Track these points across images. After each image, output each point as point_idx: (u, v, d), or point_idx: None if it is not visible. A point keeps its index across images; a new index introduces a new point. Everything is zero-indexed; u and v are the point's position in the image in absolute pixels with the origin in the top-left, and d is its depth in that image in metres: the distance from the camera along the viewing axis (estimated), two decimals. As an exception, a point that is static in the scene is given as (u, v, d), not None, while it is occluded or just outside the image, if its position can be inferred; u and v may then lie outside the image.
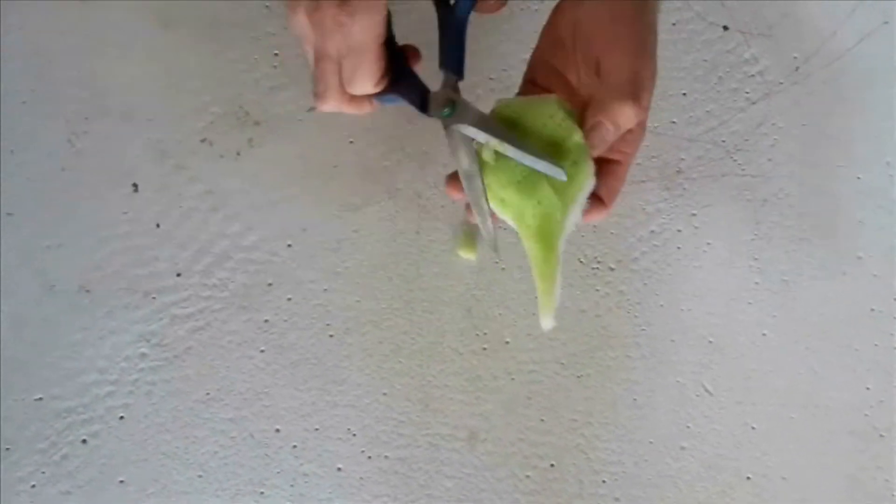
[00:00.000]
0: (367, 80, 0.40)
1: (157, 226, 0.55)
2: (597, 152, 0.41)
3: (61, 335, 0.53)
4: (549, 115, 0.40)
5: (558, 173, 0.39)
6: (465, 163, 0.42)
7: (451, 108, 0.42)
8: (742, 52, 0.59)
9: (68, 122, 0.55)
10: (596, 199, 0.43)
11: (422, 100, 0.42)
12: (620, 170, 0.43)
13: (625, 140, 0.42)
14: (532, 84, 0.45)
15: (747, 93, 0.59)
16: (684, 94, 0.59)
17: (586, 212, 0.43)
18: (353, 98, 0.41)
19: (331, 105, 0.41)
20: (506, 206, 0.42)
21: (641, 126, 0.43)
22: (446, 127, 0.42)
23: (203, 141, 0.56)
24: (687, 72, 0.59)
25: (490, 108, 0.43)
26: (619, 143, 0.42)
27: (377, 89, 0.41)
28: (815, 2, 0.59)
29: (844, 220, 0.58)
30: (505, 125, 0.41)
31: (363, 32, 0.38)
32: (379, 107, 0.43)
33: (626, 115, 0.40)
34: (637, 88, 0.40)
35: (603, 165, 0.43)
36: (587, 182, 0.41)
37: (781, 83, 0.59)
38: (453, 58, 0.43)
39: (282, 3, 0.57)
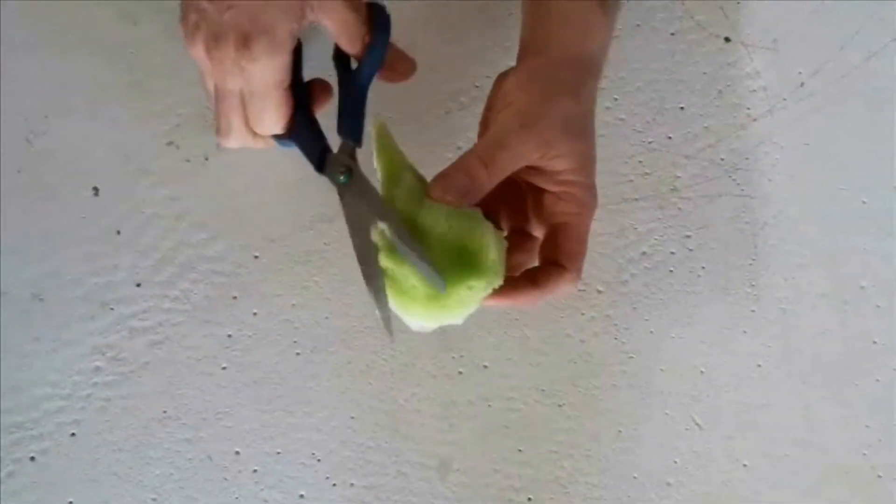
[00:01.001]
0: (272, 124, 0.40)
1: (118, 232, 0.54)
2: (452, 200, 0.40)
3: (11, 345, 0.52)
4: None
5: (438, 284, 0.39)
6: (358, 235, 0.42)
7: (346, 176, 0.42)
8: (744, 66, 0.58)
9: (27, 121, 0.54)
10: (553, 264, 0.42)
11: (319, 157, 0.42)
12: (572, 231, 0.43)
13: (561, 199, 0.42)
14: None
15: (748, 109, 0.58)
16: (682, 108, 0.58)
17: (547, 283, 0.42)
18: (258, 137, 0.42)
19: (234, 142, 0.41)
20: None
21: (583, 187, 0.42)
22: (341, 194, 0.42)
23: (169, 144, 0.55)
24: (685, 85, 0.58)
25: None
26: (556, 204, 0.42)
27: (283, 131, 0.41)
28: (823, 16, 0.58)
29: (847, 246, 0.57)
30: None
31: (265, 77, 0.38)
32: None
33: (472, 165, 0.40)
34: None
35: (551, 232, 0.43)
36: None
37: (785, 100, 0.58)
38: (351, 124, 0.43)
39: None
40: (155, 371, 0.52)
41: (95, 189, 0.54)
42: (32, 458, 0.51)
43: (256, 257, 0.54)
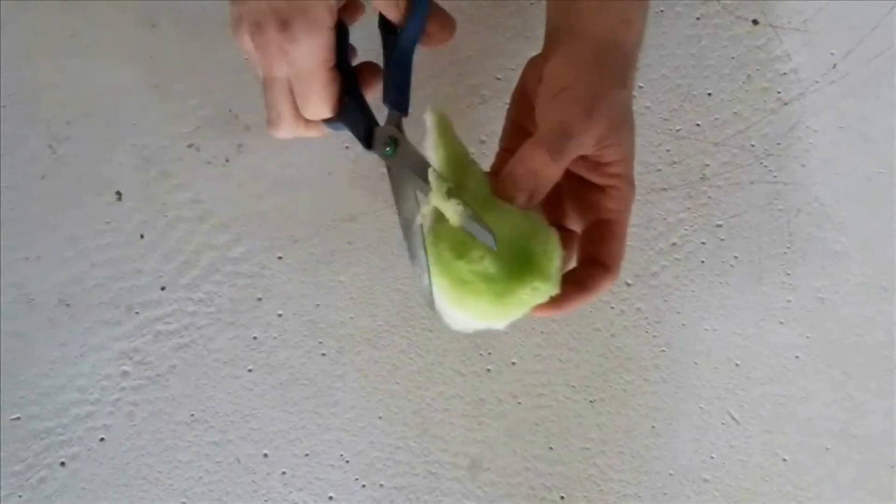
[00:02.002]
0: (320, 106, 0.41)
1: (141, 236, 0.56)
2: (522, 200, 0.40)
3: (39, 352, 0.54)
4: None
5: (488, 239, 0.38)
6: (405, 209, 0.42)
7: (392, 147, 0.42)
8: (773, 49, 0.58)
9: (49, 127, 0.57)
10: (598, 264, 0.42)
11: (367, 133, 0.43)
12: (616, 228, 0.42)
13: (606, 193, 0.42)
14: (505, 151, 0.45)
15: (779, 92, 0.58)
16: (709, 94, 0.58)
17: (594, 286, 0.42)
18: (310, 122, 0.42)
19: (285, 132, 0.42)
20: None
21: (627, 181, 0.42)
22: (388, 167, 0.42)
23: (190, 146, 0.57)
24: (712, 70, 0.58)
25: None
26: (601, 199, 0.42)
27: (333, 114, 0.42)
28: (854, -6, 0.59)
29: (885, 231, 0.57)
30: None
31: (308, 58, 0.39)
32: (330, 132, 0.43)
33: (538, 159, 0.39)
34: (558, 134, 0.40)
35: (594, 228, 0.43)
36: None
37: (817, 82, 0.58)
38: (397, 92, 0.43)
39: None
40: (182, 374, 0.54)
41: (118, 194, 0.56)
42: (63, 464, 0.53)
43: (280, 258, 0.56)
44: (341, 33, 0.41)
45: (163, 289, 0.55)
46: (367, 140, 0.43)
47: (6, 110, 0.57)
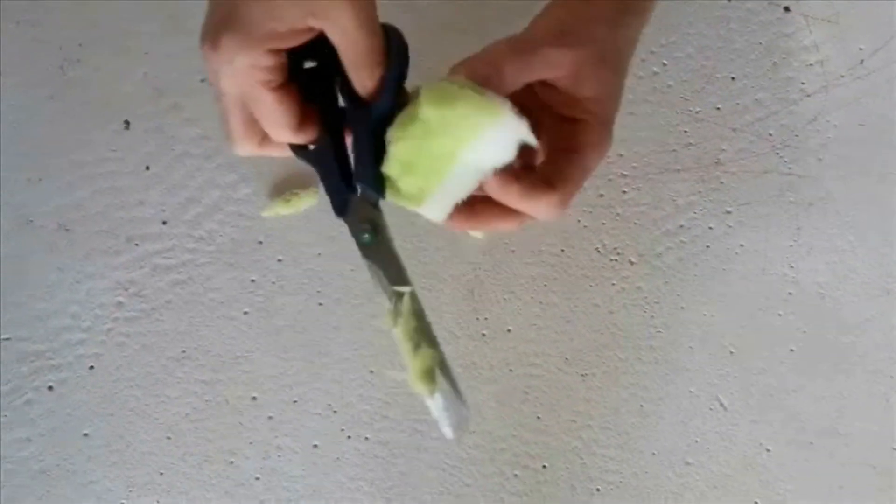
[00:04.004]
0: (273, 127, 0.41)
1: (147, 168, 0.59)
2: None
3: (35, 274, 0.57)
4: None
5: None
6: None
7: (371, 235, 0.43)
8: (802, 38, 0.61)
9: (62, 49, 0.59)
10: (545, 182, 0.41)
11: (341, 195, 0.42)
12: (576, 158, 0.42)
13: (576, 129, 0.43)
14: None
15: (803, 83, 0.61)
16: (733, 78, 0.61)
17: (530, 193, 0.40)
18: (267, 141, 0.42)
19: (241, 149, 0.43)
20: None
21: (602, 122, 0.43)
22: (364, 254, 0.43)
23: (203, 81, 0.59)
24: (738, 54, 0.61)
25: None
26: (570, 133, 0.43)
27: (297, 139, 0.42)
28: (890, -10, 0.61)
29: (892, 234, 0.60)
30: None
31: (245, 76, 0.38)
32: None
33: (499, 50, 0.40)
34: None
35: (553, 153, 0.43)
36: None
37: (842, 77, 0.61)
38: (370, 171, 0.41)
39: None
40: (176, 310, 0.58)
41: (126, 122, 0.59)
42: (50, 388, 0.57)
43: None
44: (331, 58, 0.39)
45: (164, 223, 0.58)
46: (341, 206, 0.42)
47: (20, 28, 0.59)
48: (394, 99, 0.40)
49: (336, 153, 0.42)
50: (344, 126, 0.43)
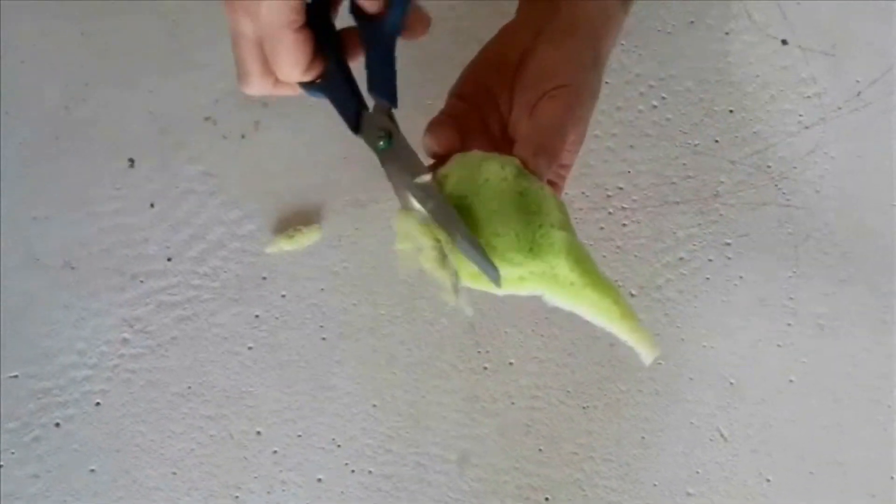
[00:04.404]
0: (289, 68, 0.42)
1: (151, 205, 0.60)
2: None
3: (41, 312, 0.59)
4: (502, 177, 0.43)
5: (492, 274, 0.42)
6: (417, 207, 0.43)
7: (386, 141, 0.44)
8: (800, 71, 0.63)
9: (67, 87, 0.60)
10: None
11: (354, 114, 0.44)
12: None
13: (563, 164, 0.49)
14: (459, 98, 0.48)
15: (801, 115, 0.62)
16: (731, 111, 0.62)
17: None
18: (281, 82, 0.44)
19: (254, 89, 0.44)
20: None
21: (568, 170, 0.50)
22: (382, 160, 0.44)
23: (207, 119, 0.61)
24: (736, 87, 0.62)
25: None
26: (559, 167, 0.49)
27: (307, 77, 0.43)
28: (885, 21, 0.63)
29: (890, 264, 0.61)
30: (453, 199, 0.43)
31: (271, 17, 0.40)
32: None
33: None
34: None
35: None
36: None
37: (839, 108, 0.62)
38: (383, 83, 0.44)
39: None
40: (181, 346, 0.59)
41: (131, 161, 0.60)
42: (57, 425, 0.58)
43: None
44: None
45: (169, 259, 0.59)
46: (355, 123, 0.44)
47: (25, 66, 0.60)
48: (402, 10, 0.43)
49: (343, 78, 0.44)
50: (350, 47, 0.45)
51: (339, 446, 0.59)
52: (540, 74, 0.46)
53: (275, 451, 0.58)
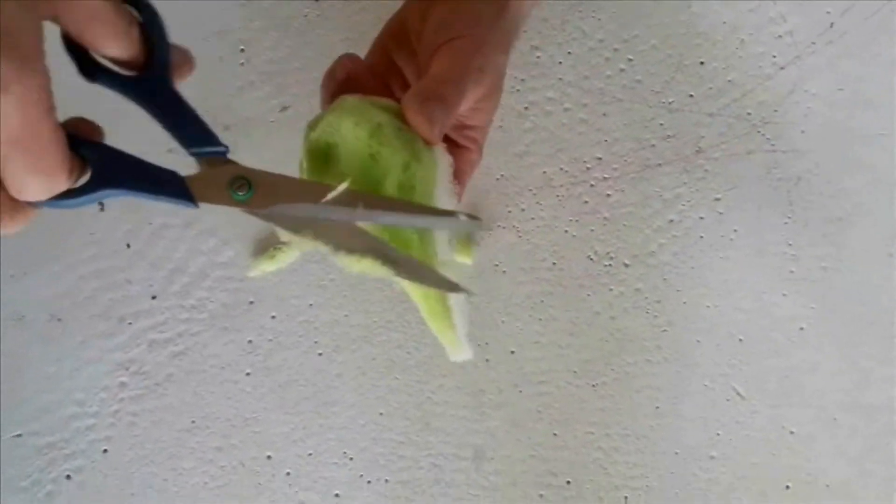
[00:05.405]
0: (52, 176, 0.32)
1: (128, 246, 0.60)
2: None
3: (34, 368, 0.59)
4: (355, 136, 0.41)
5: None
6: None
7: (248, 187, 0.38)
8: (767, 11, 0.62)
9: (25, 139, 0.61)
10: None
11: (179, 188, 0.37)
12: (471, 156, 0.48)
13: (459, 155, 0.47)
14: (365, 70, 0.47)
15: (774, 57, 0.62)
16: (702, 62, 0.62)
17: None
18: (16, 211, 0.33)
19: (22, 220, 0.34)
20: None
21: (478, 145, 0.48)
22: (254, 212, 0.38)
23: (170, 151, 0.60)
24: (704, 37, 0.62)
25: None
26: (454, 156, 0.46)
27: (69, 184, 0.33)
28: (849, -53, 0.62)
29: (888, 196, 0.61)
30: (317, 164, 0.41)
31: (23, 109, 0.29)
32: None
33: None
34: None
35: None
36: (436, 173, 0.43)
37: (813, 44, 0.62)
38: (198, 131, 0.38)
39: (245, -10, 0.61)
40: (179, 382, 0.59)
41: (101, 204, 0.60)
42: (68, 477, 0.59)
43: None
44: None
45: (153, 298, 0.60)
46: (188, 194, 0.37)
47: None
48: (165, 44, 0.36)
49: (122, 160, 0.37)
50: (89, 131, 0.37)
51: (351, 459, 0.59)
52: (435, 30, 0.44)
53: (288, 473, 0.59)
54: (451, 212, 0.41)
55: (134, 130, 0.40)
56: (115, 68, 0.37)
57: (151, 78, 0.37)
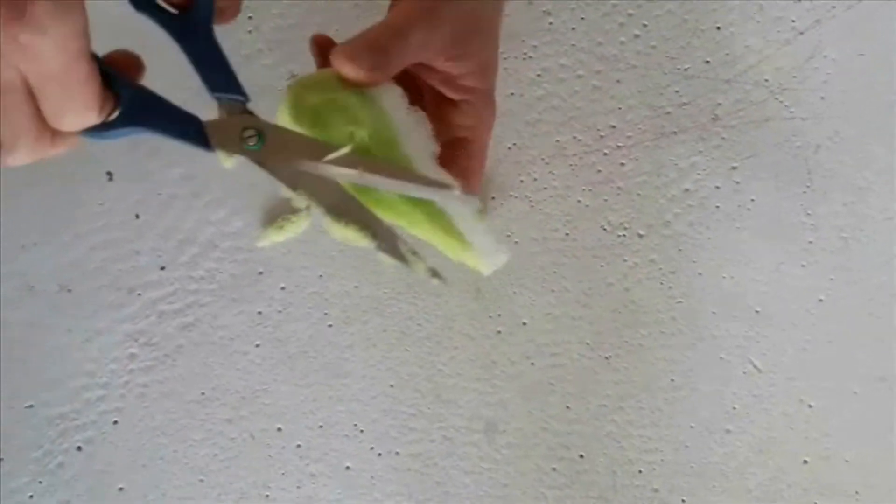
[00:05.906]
0: (85, 111, 0.35)
1: (136, 216, 0.60)
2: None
3: (45, 339, 0.60)
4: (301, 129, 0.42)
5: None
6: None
7: (258, 138, 0.40)
8: (786, -26, 0.61)
9: (34, 110, 0.61)
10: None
11: (194, 130, 0.39)
12: (469, 147, 0.46)
13: (460, 110, 0.46)
14: None
15: (793, 21, 0.61)
16: (718, 27, 0.61)
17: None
18: (59, 138, 0.36)
19: (26, 156, 0.35)
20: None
21: (482, 95, 0.46)
22: (260, 162, 0.40)
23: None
24: (721, 2, 0.61)
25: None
26: (455, 115, 0.46)
27: (101, 118, 0.36)
28: None
29: (910, 164, 0.60)
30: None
31: (61, 48, 0.31)
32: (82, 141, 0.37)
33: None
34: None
35: (447, 147, 0.46)
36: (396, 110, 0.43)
37: (833, 7, 0.60)
38: (223, 77, 0.40)
39: (253, -42, 0.61)
40: (189, 353, 0.60)
41: (109, 174, 0.61)
42: (79, 448, 0.59)
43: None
44: None
45: (162, 268, 0.60)
46: (202, 137, 0.39)
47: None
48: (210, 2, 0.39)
49: (147, 99, 0.38)
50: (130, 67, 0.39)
51: (361, 431, 0.59)
52: None
53: (298, 445, 0.59)
54: (447, 185, 0.42)
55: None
56: (163, 4, 0.39)
57: (195, 18, 0.40)
